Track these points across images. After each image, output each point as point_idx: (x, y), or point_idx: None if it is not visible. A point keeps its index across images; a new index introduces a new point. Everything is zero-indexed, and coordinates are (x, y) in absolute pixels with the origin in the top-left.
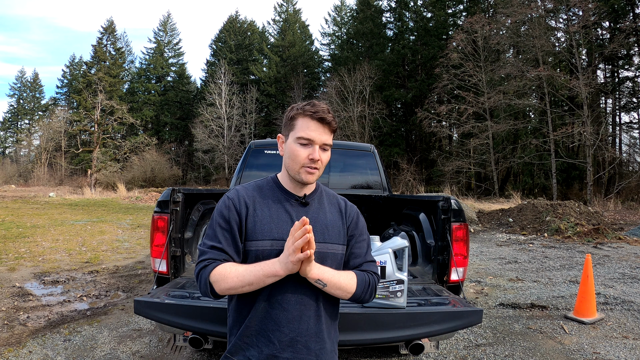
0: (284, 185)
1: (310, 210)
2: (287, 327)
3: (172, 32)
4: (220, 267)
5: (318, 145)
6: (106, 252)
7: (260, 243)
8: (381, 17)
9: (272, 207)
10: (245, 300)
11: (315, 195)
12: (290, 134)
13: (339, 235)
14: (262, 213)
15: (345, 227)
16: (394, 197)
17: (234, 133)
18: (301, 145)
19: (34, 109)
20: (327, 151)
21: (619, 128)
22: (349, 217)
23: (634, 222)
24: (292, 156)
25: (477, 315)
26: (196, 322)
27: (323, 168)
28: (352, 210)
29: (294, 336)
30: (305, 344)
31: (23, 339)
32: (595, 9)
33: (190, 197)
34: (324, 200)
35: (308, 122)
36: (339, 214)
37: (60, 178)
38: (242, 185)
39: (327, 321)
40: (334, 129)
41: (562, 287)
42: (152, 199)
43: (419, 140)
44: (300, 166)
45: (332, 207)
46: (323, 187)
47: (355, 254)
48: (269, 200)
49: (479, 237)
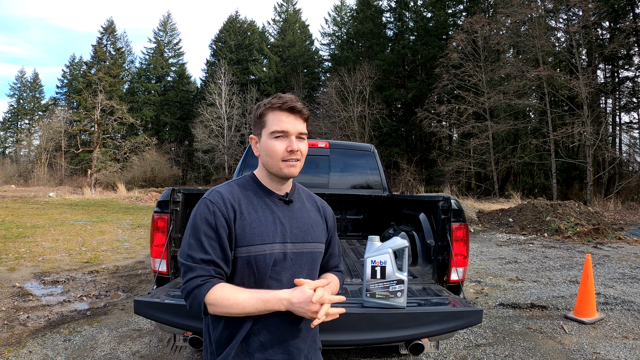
0: (264, 184)
1: (295, 209)
2: (279, 329)
3: (172, 32)
4: (218, 291)
5: (294, 136)
6: (106, 252)
7: (252, 249)
8: (381, 17)
9: (259, 208)
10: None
11: (294, 194)
12: (263, 131)
13: (322, 234)
14: (249, 216)
15: (325, 225)
16: (394, 197)
17: (234, 133)
18: (276, 139)
19: (34, 109)
20: (303, 140)
21: (619, 128)
22: (329, 218)
23: (634, 222)
24: (269, 153)
25: (477, 315)
26: (196, 322)
27: (304, 159)
28: (329, 210)
29: (286, 339)
30: (297, 345)
31: (23, 339)
32: (595, 9)
33: (190, 197)
34: (304, 198)
35: (279, 115)
36: (317, 211)
37: (60, 178)
38: (222, 186)
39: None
40: (305, 117)
41: (562, 287)
42: (152, 199)
43: (419, 140)
44: (280, 160)
45: (311, 205)
46: (297, 184)
47: (334, 254)
48: (253, 201)
49: (479, 237)
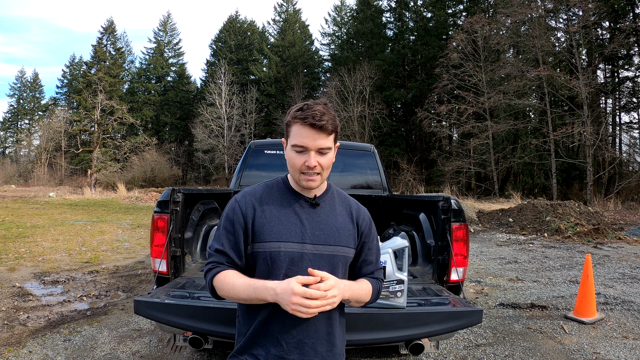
0: (293, 187)
1: (321, 212)
2: (295, 329)
3: (172, 32)
4: (222, 275)
5: (313, 151)
6: (106, 252)
7: (268, 245)
8: (381, 17)
9: (281, 208)
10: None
11: (326, 197)
12: (288, 140)
13: (349, 238)
14: (270, 214)
15: (356, 231)
16: (394, 197)
17: (234, 133)
18: (296, 153)
19: (34, 109)
20: (325, 155)
21: (619, 128)
22: (363, 223)
23: (634, 222)
24: (290, 163)
25: (477, 315)
26: (196, 322)
27: (326, 172)
28: (365, 216)
29: (302, 338)
30: (313, 346)
31: (23, 339)
32: (595, 9)
33: (190, 197)
34: (336, 202)
35: (300, 129)
36: (349, 216)
37: (60, 178)
38: (252, 186)
39: (339, 324)
40: (329, 131)
41: (562, 287)
42: (152, 199)
43: (419, 140)
44: (299, 173)
45: (343, 209)
46: (335, 188)
47: (368, 261)
48: (277, 201)
49: (479, 237)
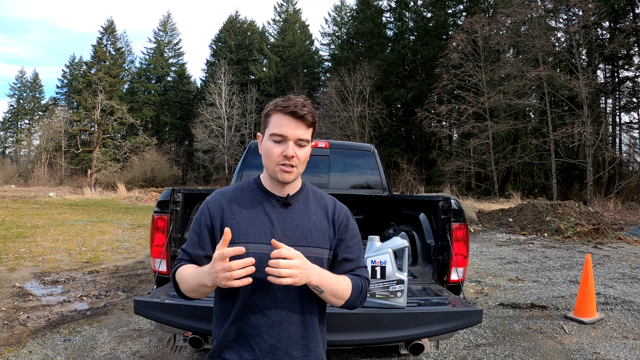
0: (265, 186)
1: (293, 212)
2: (267, 333)
3: (172, 32)
4: (180, 269)
5: (292, 142)
6: (106, 252)
7: (237, 246)
8: (381, 17)
9: (251, 208)
10: (226, 304)
11: (300, 196)
12: (266, 131)
13: (324, 239)
14: (239, 215)
15: (332, 229)
16: (394, 197)
17: (234, 133)
18: (275, 143)
19: (34, 109)
20: (304, 147)
21: (619, 128)
22: (338, 220)
23: (634, 222)
24: (266, 154)
25: (477, 315)
26: (196, 322)
27: (302, 165)
28: (341, 212)
29: (274, 342)
30: (287, 350)
31: (23, 339)
32: (595, 9)
33: (190, 197)
34: (310, 201)
35: (280, 118)
36: (324, 215)
37: (60, 178)
38: (224, 187)
39: (315, 327)
40: (310, 123)
41: (562, 287)
42: (152, 199)
43: (419, 140)
44: (275, 164)
45: (318, 208)
46: (311, 186)
47: (348, 259)
48: (248, 201)
49: (479, 237)
